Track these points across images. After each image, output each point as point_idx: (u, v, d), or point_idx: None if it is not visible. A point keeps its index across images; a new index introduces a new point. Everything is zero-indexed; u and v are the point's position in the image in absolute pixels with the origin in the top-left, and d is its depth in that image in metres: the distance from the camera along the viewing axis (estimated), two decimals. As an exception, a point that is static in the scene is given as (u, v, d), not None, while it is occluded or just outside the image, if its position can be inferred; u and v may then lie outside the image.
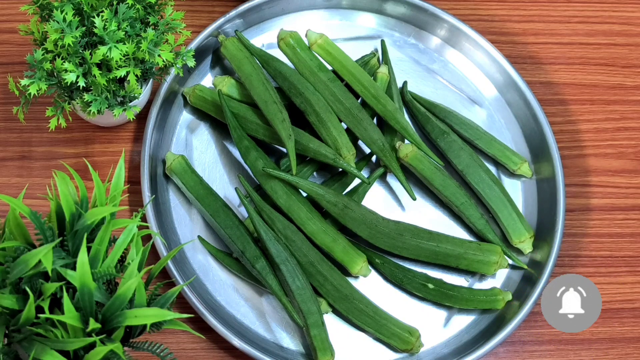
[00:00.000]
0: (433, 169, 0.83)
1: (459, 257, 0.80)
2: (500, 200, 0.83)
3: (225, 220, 0.79)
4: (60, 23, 0.69)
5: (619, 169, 0.89)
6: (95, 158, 0.83)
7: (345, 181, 0.83)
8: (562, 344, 0.81)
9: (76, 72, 0.70)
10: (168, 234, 0.80)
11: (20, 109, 0.75)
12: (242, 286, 0.80)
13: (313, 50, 0.85)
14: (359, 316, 0.78)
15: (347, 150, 0.81)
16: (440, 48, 0.91)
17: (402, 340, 0.77)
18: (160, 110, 0.82)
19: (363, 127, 0.82)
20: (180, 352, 0.78)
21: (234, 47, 0.84)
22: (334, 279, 0.78)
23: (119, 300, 0.58)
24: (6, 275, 0.59)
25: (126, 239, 0.61)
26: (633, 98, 0.92)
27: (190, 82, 0.86)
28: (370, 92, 0.84)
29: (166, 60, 0.73)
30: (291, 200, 0.79)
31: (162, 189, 0.82)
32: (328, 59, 0.86)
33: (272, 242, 0.77)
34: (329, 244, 0.79)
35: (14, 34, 0.83)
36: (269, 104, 0.81)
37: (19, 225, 0.60)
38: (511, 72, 0.87)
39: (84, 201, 0.62)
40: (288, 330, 0.79)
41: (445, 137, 0.85)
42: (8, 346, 0.59)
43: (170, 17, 0.75)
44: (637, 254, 0.85)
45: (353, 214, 0.80)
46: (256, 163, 0.80)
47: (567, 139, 0.89)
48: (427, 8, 0.88)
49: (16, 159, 0.83)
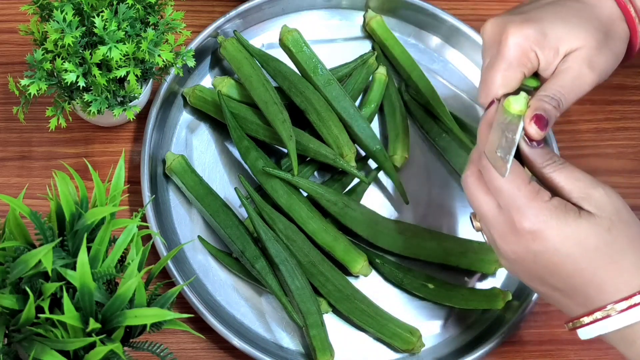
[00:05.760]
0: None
1: (460, 256, 0.80)
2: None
3: (225, 220, 0.79)
4: (60, 23, 0.69)
5: (619, 169, 0.89)
6: (95, 158, 0.83)
7: (345, 181, 0.83)
8: (562, 344, 0.81)
9: (76, 72, 0.70)
10: (168, 234, 0.80)
11: (20, 109, 0.75)
12: (242, 286, 0.80)
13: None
14: (361, 316, 0.78)
15: (349, 149, 0.81)
16: (440, 48, 0.91)
17: (403, 340, 0.77)
18: (160, 110, 0.82)
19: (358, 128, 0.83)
20: (180, 352, 0.78)
21: (233, 48, 0.84)
22: (336, 279, 0.78)
23: (119, 300, 0.58)
24: (6, 275, 0.59)
25: (126, 239, 0.61)
26: (633, 98, 0.92)
27: (190, 82, 0.86)
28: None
29: (166, 60, 0.73)
30: (292, 199, 0.79)
31: (162, 189, 0.82)
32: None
33: (271, 242, 0.77)
34: (330, 243, 0.79)
35: (14, 34, 0.83)
36: (269, 105, 0.81)
37: (19, 225, 0.60)
38: (511, 72, 0.87)
39: (84, 201, 0.62)
40: (288, 330, 0.79)
41: (443, 137, 0.85)
42: (8, 346, 0.59)
43: (170, 17, 0.75)
44: (637, 254, 0.85)
45: (353, 213, 0.80)
46: (256, 163, 0.80)
47: (567, 139, 0.89)
48: (427, 8, 0.88)
49: (16, 159, 0.83)
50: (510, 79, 0.66)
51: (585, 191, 0.61)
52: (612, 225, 0.61)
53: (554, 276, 0.62)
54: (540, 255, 0.61)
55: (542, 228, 0.60)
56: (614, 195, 0.62)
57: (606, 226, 0.60)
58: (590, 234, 0.60)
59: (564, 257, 0.61)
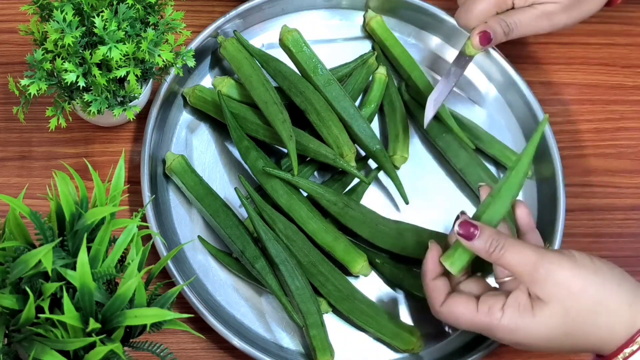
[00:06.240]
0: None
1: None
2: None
3: (225, 220, 0.79)
4: (60, 23, 0.69)
5: (619, 169, 0.89)
6: (95, 158, 0.83)
7: (345, 181, 0.83)
8: (562, 344, 0.81)
9: (76, 72, 0.70)
10: (168, 234, 0.80)
11: (20, 109, 0.75)
12: (242, 286, 0.80)
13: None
14: (361, 316, 0.78)
15: (349, 149, 0.81)
16: (440, 48, 0.91)
17: (404, 340, 0.77)
18: (160, 110, 0.82)
19: (358, 128, 0.83)
20: (180, 352, 0.78)
21: (233, 48, 0.84)
22: (336, 279, 0.78)
23: (119, 300, 0.58)
24: (6, 275, 0.59)
25: (126, 239, 0.61)
26: (633, 98, 0.92)
27: (190, 82, 0.86)
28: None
29: (166, 60, 0.73)
30: (292, 199, 0.79)
31: (162, 189, 0.82)
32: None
33: (271, 242, 0.77)
34: (330, 242, 0.79)
35: (14, 34, 0.83)
36: (269, 105, 0.81)
37: (19, 225, 0.60)
38: (511, 72, 0.87)
39: (84, 201, 0.62)
40: (288, 330, 0.79)
41: (444, 137, 0.85)
42: (8, 346, 0.59)
43: (170, 17, 0.75)
44: (637, 254, 0.85)
45: (353, 212, 0.80)
46: (256, 163, 0.80)
47: (567, 139, 0.89)
48: (427, 8, 0.88)
49: (16, 159, 0.83)
50: (485, 13, 0.78)
51: (531, 276, 0.65)
52: (566, 309, 0.64)
53: (555, 349, 0.67)
54: (524, 343, 0.66)
55: (511, 334, 0.66)
56: (558, 269, 0.64)
57: (561, 312, 0.64)
58: (551, 324, 0.64)
59: (545, 345, 0.66)
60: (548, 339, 0.65)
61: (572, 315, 0.64)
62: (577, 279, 0.64)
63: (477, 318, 0.66)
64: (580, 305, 0.64)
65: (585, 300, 0.64)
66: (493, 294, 0.67)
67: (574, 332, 0.64)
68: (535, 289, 0.64)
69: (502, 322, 0.65)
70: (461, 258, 0.69)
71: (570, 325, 0.64)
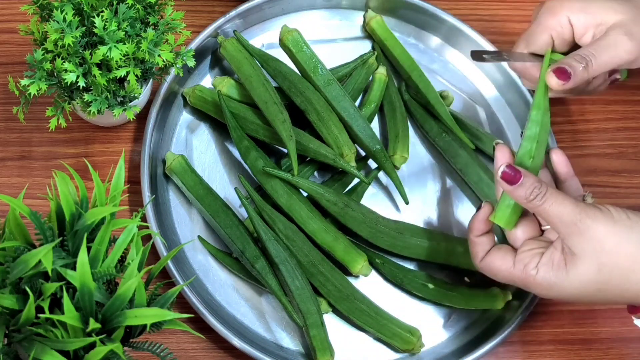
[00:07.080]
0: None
1: (460, 256, 0.80)
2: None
3: (225, 220, 0.79)
4: (60, 23, 0.69)
5: (619, 169, 0.89)
6: (95, 158, 0.83)
7: (346, 181, 0.83)
8: (562, 344, 0.81)
9: (76, 72, 0.70)
10: (168, 234, 0.80)
11: (20, 109, 0.75)
12: (242, 286, 0.80)
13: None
14: (361, 316, 0.78)
15: (349, 149, 0.81)
16: (440, 48, 0.91)
17: (404, 340, 0.77)
18: (160, 110, 0.82)
19: (358, 128, 0.83)
20: (180, 352, 0.78)
21: (233, 48, 0.84)
22: (336, 279, 0.78)
23: (119, 300, 0.58)
24: (6, 275, 0.59)
25: (126, 239, 0.61)
26: (633, 98, 0.92)
27: (190, 82, 0.86)
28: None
29: (166, 60, 0.73)
30: (292, 199, 0.79)
31: (162, 189, 0.82)
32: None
33: (271, 242, 0.77)
34: (330, 242, 0.79)
35: (14, 34, 0.83)
36: (269, 105, 0.81)
37: (19, 225, 0.60)
38: (511, 72, 0.87)
39: (84, 201, 0.62)
40: (288, 330, 0.79)
41: (443, 137, 0.85)
42: (8, 346, 0.59)
43: (170, 17, 0.75)
44: (637, 254, 0.85)
45: (353, 212, 0.80)
46: (256, 163, 0.80)
47: (567, 139, 0.89)
48: (427, 8, 0.88)
49: (16, 159, 0.83)
50: (535, 38, 0.73)
51: (568, 229, 0.65)
52: (599, 266, 0.64)
53: (589, 301, 0.69)
54: (559, 298, 0.68)
55: (545, 290, 0.67)
56: (593, 225, 0.64)
57: (594, 269, 0.64)
58: (584, 281, 0.65)
59: (578, 298, 0.67)
60: (581, 294, 0.66)
61: (605, 272, 0.64)
62: (613, 236, 0.64)
63: (514, 274, 0.68)
64: (614, 263, 0.64)
65: (619, 257, 0.64)
66: (530, 250, 0.68)
67: (607, 288, 0.65)
68: (570, 242, 0.65)
69: (536, 279, 0.66)
70: (506, 212, 0.69)
71: (603, 282, 0.64)
